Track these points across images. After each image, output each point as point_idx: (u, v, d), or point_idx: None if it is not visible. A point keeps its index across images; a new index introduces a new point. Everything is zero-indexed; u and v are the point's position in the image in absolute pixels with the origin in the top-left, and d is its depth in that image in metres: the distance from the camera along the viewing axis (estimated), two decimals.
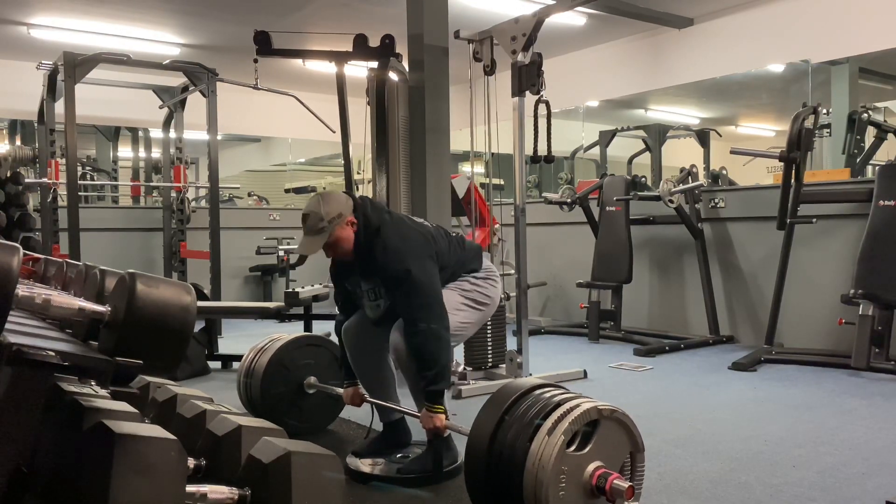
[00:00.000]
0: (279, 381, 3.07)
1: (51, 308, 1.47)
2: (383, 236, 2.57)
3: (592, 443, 1.90)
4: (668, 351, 5.12)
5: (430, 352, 2.48)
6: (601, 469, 1.86)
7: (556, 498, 1.80)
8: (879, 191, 4.40)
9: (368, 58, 4.21)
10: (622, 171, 8.27)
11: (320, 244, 2.55)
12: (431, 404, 2.49)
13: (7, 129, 9.11)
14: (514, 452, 1.89)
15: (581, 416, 1.89)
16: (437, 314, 2.52)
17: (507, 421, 1.97)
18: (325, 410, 3.23)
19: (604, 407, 1.93)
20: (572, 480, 1.84)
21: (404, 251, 2.55)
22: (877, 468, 2.69)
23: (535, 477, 1.82)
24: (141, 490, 1.23)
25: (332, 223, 2.54)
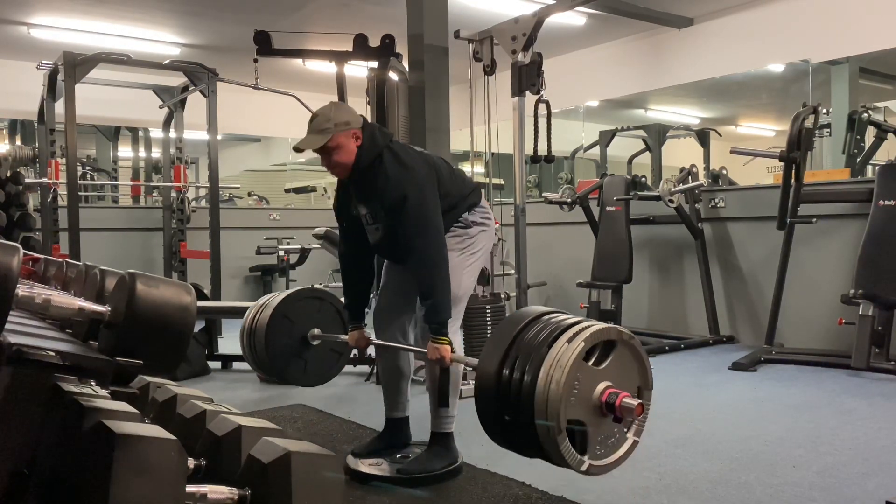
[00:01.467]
0: (283, 333, 3.06)
1: (51, 308, 1.47)
2: (386, 160, 2.55)
3: (607, 363, 1.89)
4: (668, 351, 5.12)
5: (431, 281, 2.48)
6: (611, 388, 1.86)
7: (566, 402, 1.79)
8: (879, 191, 4.40)
9: (368, 58, 4.21)
10: (622, 171, 8.27)
11: (320, 142, 2.51)
12: (436, 336, 2.48)
13: (7, 129, 9.11)
14: (531, 359, 1.86)
15: (602, 332, 1.89)
16: (435, 242, 2.51)
17: (523, 336, 1.94)
18: (330, 362, 3.21)
19: (623, 331, 1.93)
20: (583, 393, 1.83)
21: (406, 176, 2.53)
22: (877, 468, 2.69)
23: (550, 377, 1.80)
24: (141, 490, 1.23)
25: (336, 127, 2.52)
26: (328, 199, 10.38)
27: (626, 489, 2.52)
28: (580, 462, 1.81)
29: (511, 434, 1.95)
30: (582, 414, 1.83)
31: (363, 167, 2.56)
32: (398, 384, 2.85)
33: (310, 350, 3.09)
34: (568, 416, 1.79)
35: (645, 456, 2.85)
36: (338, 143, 2.52)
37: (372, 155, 2.55)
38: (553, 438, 1.78)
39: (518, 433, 1.89)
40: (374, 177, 2.54)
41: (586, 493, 2.47)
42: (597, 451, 1.86)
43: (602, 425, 1.87)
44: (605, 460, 1.86)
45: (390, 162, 2.54)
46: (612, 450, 1.88)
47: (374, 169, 2.54)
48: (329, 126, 2.51)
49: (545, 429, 1.78)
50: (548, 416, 1.79)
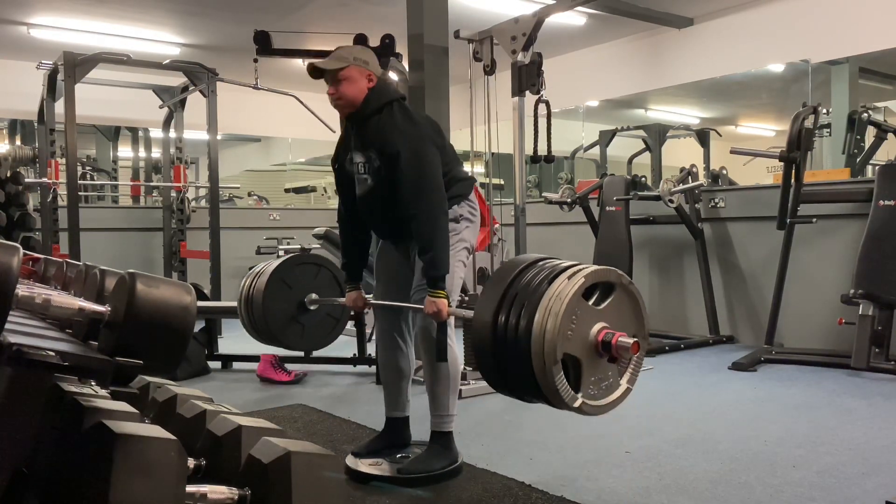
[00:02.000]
0: (280, 298, 3.06)
1: (51, 308, 1.47)
2: (394, 110, 2.58)
3: (605, 304, 1.90)
4: (668, 351, 5.12)
5: (430, 233, 2.48)
6: (607, 328, 1.86)
7: (563, 335, 1.79)
8: (879, 191, 4.40)
9: None
10: (622, 171, 8.26)
11: (334, 66, 2.56)
12: (433, 290, 2.48)
13: (7, 129, 9.11)
14: (529, 297, 1.87)
15: (602, 272, 1.89)
16: (434, 197, 2.51)
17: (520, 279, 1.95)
18: (327, 327, 3.22)
19: (622, 275, 1.93)
20: (580, 331, 1.83)
21: (412, 128, 2.56)
22: (877, 468, 2.69)
23: (548, 309, 1.80)
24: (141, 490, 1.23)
25: (355, 61, 2.58)
26: (328, 199, 10.39)
27: (626, 489, 2.52)
28: (573, 398, 1.81)
29: (509, 375, 1.93)
30: (577, 350, 1.83)
31: (369, 111, 2.58)
32: (399, 384, 2.85)
33: (307, 314, 3.09)
34: (564, 349, 1.79)
35: (645, 456, 2.85)
36: (350, 74, 2.57)
37: (381, 101, 2.58)
38: (549, 370, 1.77)
39: (516, 370, 1.88)
40: (379, 123, 2.56)
41: (586, 493, 2.47)
42: (590, 390, 1.86)
43: (597, 365, 1.87)
44: (598, 401, 1.86)
45: (398, 112, 2.58)
46: (606, 392, 1.89)
47: (380, 116, 2.57)
48: (348, 57, 2.58)
49: (541, 361, 1.78)
50: (545, 346, 1.78)
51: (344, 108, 2.62)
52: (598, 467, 2.74)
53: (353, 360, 4.57)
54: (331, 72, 2.56)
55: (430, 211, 2.50)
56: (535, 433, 3.21)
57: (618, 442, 3.04)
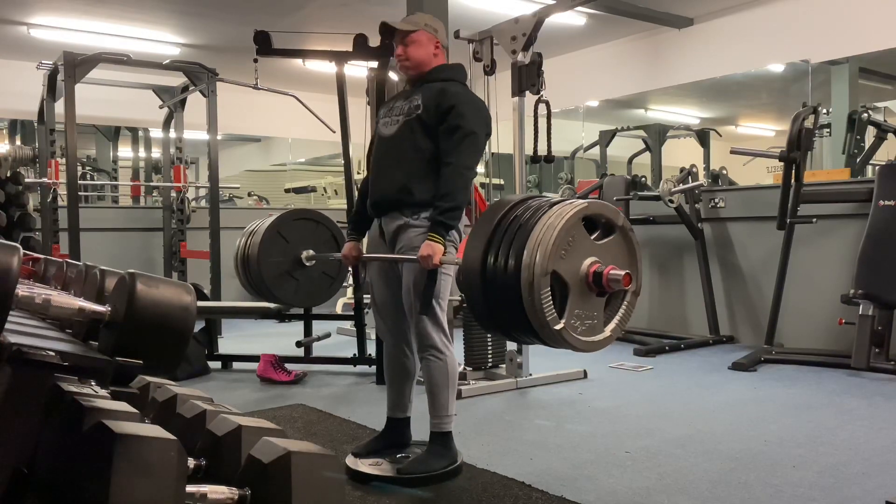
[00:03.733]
0: (276, 252, 3.04)
1: (51, 308, 1.47)
2: (461, 88, 2.65)
3: (603, 242, 1.89)
4: (668, 351, 5.12)
5: (453, 186, 2.52)
6: (599, 263, 1.86)
7: (556, 253, 1.79)
8: (879, 191, 4.40)
9: (368, 58, 4.21)
10: (622, 171, 8.26)
11: (406, 27, 2.64)
12: (434, 234, 2.48)
13: (7, 129, 9.11)
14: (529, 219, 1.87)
15: (605, 208, 1.90)
16: (472, 155, 2.57)
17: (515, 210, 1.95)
18: (323, 285, 3.20)
19: (626, 220, 1.94)
20: (573, 256, 1.82)
21: (474, 99, 2.64)
22: (877, 468, 2.69)
23: (546, 224, 1.80)
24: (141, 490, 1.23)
25: (427, 27, 2.65)
26: (328, 199, 10.38)
27: (626, 489, 2.52)
28: (556, 320, 1.80)
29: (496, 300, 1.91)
30: (568, 274, 1.82)
31: (438, 78, 2.65)
32: (402, 384, 2.85)
33: (303, 270, 3.08)
34: (555, 266, 1.79)
35: (645, 456, 2.85)
36: (419, 38, 2.65)
37: (450, 75, 2.67)
38: (537, 283, 1.76)
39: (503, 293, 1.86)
40: (443, 87, 2.61)
41: (586, 493, 2.47)
42: (573, 321, 1.85)
43: (585, 299, 1.86)
44: (577, 335, 1.85)
45: (460, 89, 2.64)
46: (588, 332, 1.88)
47: (445, 84, 2.63)
48: (420, 22, 2.67)
49: (530, 274, 1.77)
50: (536, 258, 1.77)
51: (409, 70, 2.69)
52: (598, 467, 2.74)
53: (353, 360, 4.56)
54: (401, 32, 2.64)
55: (464, 165, 2.54)
56: (535, 433, 3.21)
57: (618, 442, 3.04)
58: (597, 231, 1.89)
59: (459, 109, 2.55)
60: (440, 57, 2.70)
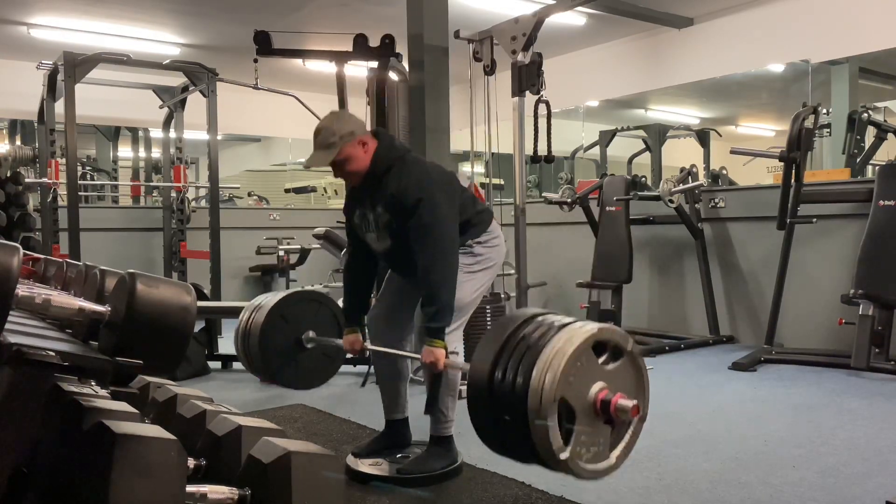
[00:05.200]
0: (278, 333, 3.05)
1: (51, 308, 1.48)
2: (406, 162, 2.57)
3: (611, 367, 1.88)
4: (668, 351, 5.12)
5: (437, 285, 2.47)
6: (607, 389, 1.85)
7: (565, 379, 1.77)
8: (879, 191, 4.39)
9: (368, 58, 4.21)
10: (622, 171, 8.27)
11: (329, 158, 2.52)
12: (432, 339, 2.46)
13: (7, 129, 9.11)
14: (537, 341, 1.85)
15: (615, 333, 1.89)
16: (447, 248, 2.50)
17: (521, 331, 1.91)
18: (323, 367, 3.20)
19: (632, 341, 1.93)
20: (580, 381, 1.81)
21: (424, 180, 2.53)
22: (877, 468, 2.69)
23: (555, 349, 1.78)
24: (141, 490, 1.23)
25: (342, 140, 2.51)
26: (328, 199, 10.38)
27: (626, 489, 2.52)
28: (561, 448, 1.79)
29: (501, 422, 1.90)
30: (575, 400, 1.80)
31: (379, 172, 2.56)
32: (396, 387, 2.84)
33: (303, 353, 3.09)
34: (563, 392, 1.78)
35: (645, 456, 2.85)
36: (346, 154, 2.52)
37: (389, 160, 2.56)
38: (545, 409, 1.74)
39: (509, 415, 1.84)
40: (389, 181, 2.54)
41: (586, 493, 2.47)
42: (578, 449, 1.84)
43: (591, 425, 1.84)
44: (583, 464, 1.84)
45: (407, 166, 2.55)
46: (594, 460, 1.87)
47: (390, 173, 2.55)
48: (334, 140, 2.51)
49: (538, 399, 1.76)
50: (545, 383, 1.76)
51: (355, 182, 2.61)
52: None
53: (353, 360, 4.56)
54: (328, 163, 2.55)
55: (440, 262, 2.48)
56: None
57: None
58: (605, 354, 1.89)
59: (416, 205, 2.47)
60: (370, 146, 2.56)
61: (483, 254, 2.72)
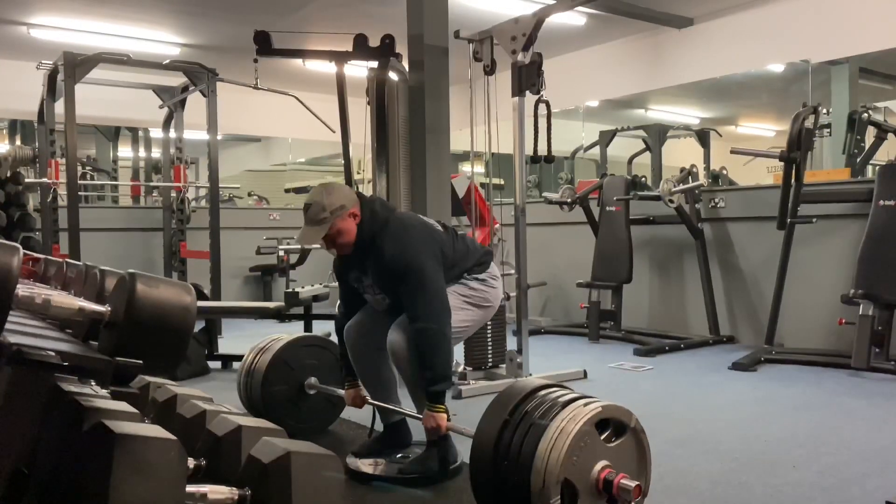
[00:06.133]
0: (280, 380, 3.06)
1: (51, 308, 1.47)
2: (390, 232, 2.56)
3: (614, 444, 1.89)
4: (668, 351, 5.12)
5: (431, 351, 2.48)
6: (610, 468, 1.85)
7: (569, 460, 1.78)
8: (879, 191, 4.40)
9: (368, 58, 4.20)
10: (622, 171, 8.26)
11: (320, 235, 2.53)
12: (433, 404, 2.48)
13: (7, 129, 9.11)
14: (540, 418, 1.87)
15: (618, 410, 1.89)
16: (439, 314, 2.51)
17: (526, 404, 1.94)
18: (325, 412, 3.22)
19: (636, 418, 1.93)
20: (584, 461, 1.82)
21: (409, 249, 2.54)
22: (877, 468, 2.69)
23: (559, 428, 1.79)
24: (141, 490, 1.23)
25: (333, 214, 2.52)
26: None
27: None
28: None
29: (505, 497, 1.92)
30: (578, 480, 1.82)
31: (364, 243, 2.58)
32: (387, 392, 2.84)
33: (305, 398, 3.09)
34: (566, 474, 1.78)
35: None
36: (338, 228, 2.54)
37: (372, 230, 2.57)
38: (547, 491, 1.76)
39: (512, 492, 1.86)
40: (374, 251, 2.56)
41: None
42: None
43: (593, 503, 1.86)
44: None
45: (390, 234, 2.56)
46: None
47: (374, 244, 2.56)
48: (326, 215, 2.52)
49: (541, 480, 1.76)
50: (548, 464, 1.77)
51: (346, 252, 2.63)
52: None
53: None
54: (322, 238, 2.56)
55: (432, 326, 2.48)
56: None
57: None
58: (607, 431, 1.89)
59: (403, 276, 2.50)
60: (360, 217, 2.58)
61: (478, 289, 2.75)
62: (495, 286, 2.83)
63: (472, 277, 2.76)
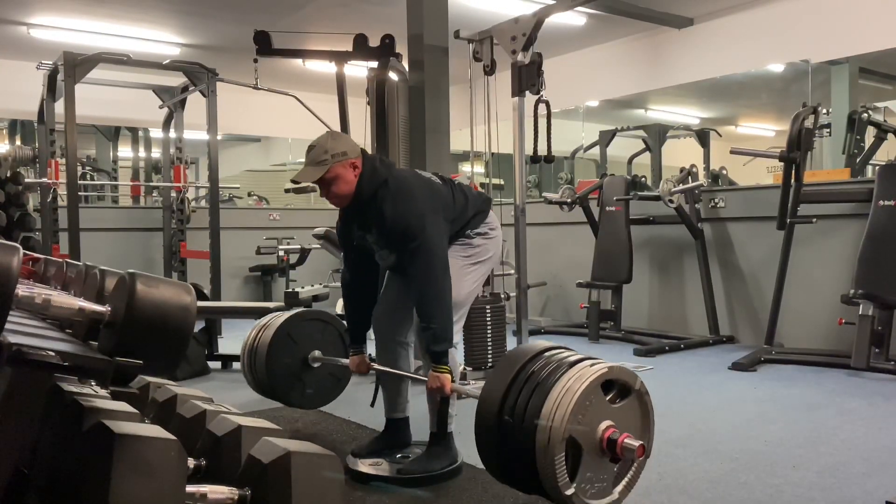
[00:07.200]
0: (284, 353, 3.05)
1: (51, 308, 1.47)
2: (390, 191, 2.54)
3: (619, 405, 1.89)
4: (668, 351, 5.12)
5: (432, 312, 2.47)
6: (614, 428, 1.86)
7: (575, 417, 1.78)
8: (879, 191, 4.40)
9: (368, 58, 4.21)
10: (622, 171, 8.27)
11: (318, 174, 2.51)
12: (436, 365, 2.47)
13: (7, 129, 9.11)
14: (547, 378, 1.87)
15: (623, 372, 1.89)
16: (439, 272, 2.50)
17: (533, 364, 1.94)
18: (329, 386, 3.21)
19: (643, 385, 1.93)
20: (589, 420, 1.82)
21: (408, 207, 2.52)
22: (877, 468, 2.69)
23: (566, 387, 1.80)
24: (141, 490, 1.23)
25: (334, 158, 2.50)
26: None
27: None
28: (567, 485, 1.81)
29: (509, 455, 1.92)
30: (583, 438, 1.83)
31: (364, 199, 2.56)
32: (398, 385, 2.85)
33: (309, 372, 3.09)
34: (571, 431, 1.79)
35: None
36: (336, 173, 2.51)
37: (373, 186, 2.55)
38: (552, 447, 1.77)
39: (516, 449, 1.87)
40: (375, 208, 2.54)
41: None
42: (584, 486, 1.85)
43: (596, 462, 1.86)
44: (587, 499, 1.85)
45: (391, 193, 2.54)
46: (597, 495, 1.88)
47: (375, 200, 2.54)
48: (326, 157, 2.50)
49: (546, 436, 1.77)
50: (553, 421, 1.78)
51: (340, 204, 2.60)
52: None
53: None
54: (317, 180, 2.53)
55: (432, 286, 2.48)
56: None
57: None
58: (612, 392, 1.90)
59: (405, 232, 2.48)
60: (360, 170, 2.55)
61: (481, 245, 2.74)
62: (494, 235, 2.80)
63: (474, 233, 2.73)
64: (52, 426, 1.36)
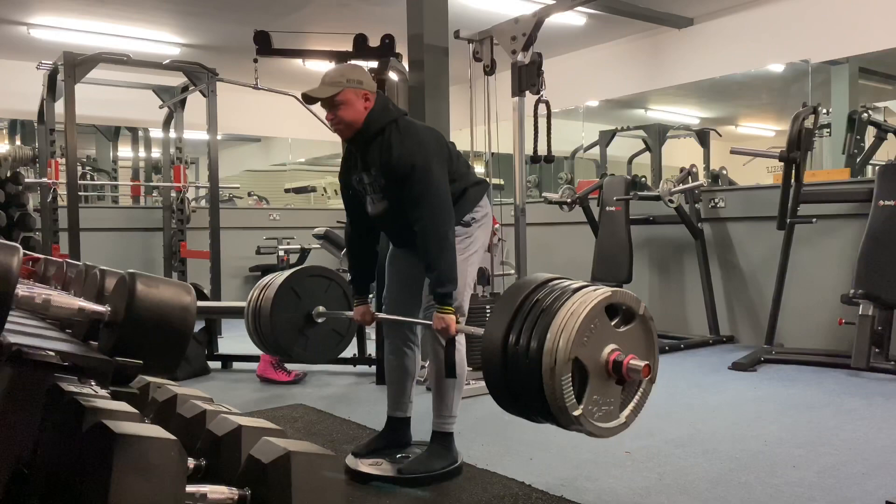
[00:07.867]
0: (289, 308, 3.05)
1: (51, 308, 1.47)
2: (400, 126, 2.54)
3: (623, 329, 1.90)
4: (667, 351, 5.12)
5: (436, 253, 2.47)
6: (619, 351, 1.86)
7: (580, 339, 1.79)
8: (879, 191, 4.39)
9: (368, 58, 4.21)
10: (622, 171, 8.27)
11: (329, 93, 2.49)
12: (441, 306, 2.47)
13: (7, 129, 9.11)
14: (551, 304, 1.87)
15: (627, 296, 1.90)
16: (442, 214, 2.50)
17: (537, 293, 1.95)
18: (332, 342, 3.21)
19: (647, 310, 1.94)
20: (594, 343, 1.83)
21: (416, 146, 2.51)
22: (877, 468, 2.69)
23: (570, 311, 1.80)
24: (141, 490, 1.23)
25: (349, 83, 2.50)
26: (328, 199, 10.38)
27: (626, 489, 2.52)
28: (574, 405, 1.81)
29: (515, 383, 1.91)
30: (588, 360, 1.83)
31: (371, 133, 2.55)
32: (403, 384, 2.85)
33: (313, 327, 3.08)
34: (577, 353, 1.80)
35: (645, 456, 2.85)
36: (346, 98, 2.50)
37: (382, 122, 2.54)
38: (559, 369, 1.77)
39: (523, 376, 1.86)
40: (381, 144, 2.53)
41: (586, 493, 2.47)
42: (591, 408, 1.86)
43: (603, 385, 1.87)
44: (594, 421, 1.86)
45: (400, 131, 2.53)
46: (604, 418, 1.89)
47: (382, 136, 2.53)
48: (341, 80, 2.50)
49: (552, 359, 1.77)
50: (559, 343, 1.78)
51: (345, 133, 2.58)
52: (598, 467, 2.74)
53: (353, 360, 4.57)
54: (326, 98, 2.51)
55: (437, 228, 2.48)
56: (535, 433, 3.19)
57: (618, 442, 3.02)
58: (617, 317, 1.91)
59: (409, 173, 2.47)
60: (370, 104, 2.54)
61: (474, 233, 2.73)
62: (486, 222, 2.79)
63: (470, 218, 2.71)
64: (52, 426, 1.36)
